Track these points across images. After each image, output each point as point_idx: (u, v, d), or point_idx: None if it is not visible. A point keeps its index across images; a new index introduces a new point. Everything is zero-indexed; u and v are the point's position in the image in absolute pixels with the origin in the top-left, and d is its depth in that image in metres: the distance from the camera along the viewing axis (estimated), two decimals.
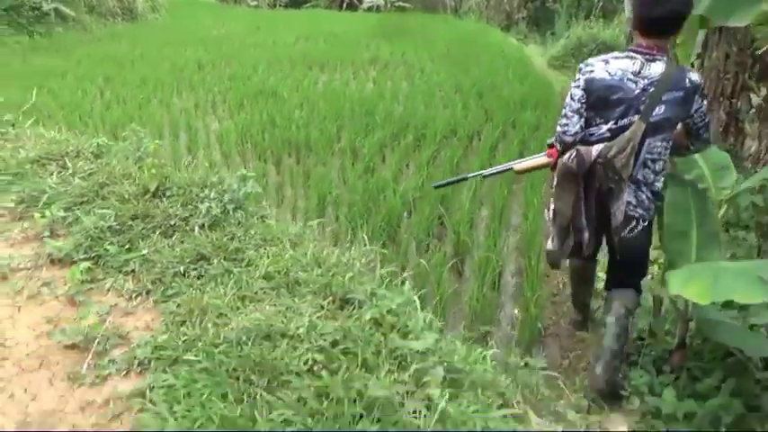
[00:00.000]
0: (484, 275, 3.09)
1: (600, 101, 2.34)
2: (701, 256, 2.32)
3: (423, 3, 18.47)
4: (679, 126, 2.39)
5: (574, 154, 2.35)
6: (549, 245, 2.57)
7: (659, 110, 2.27)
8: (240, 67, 9.12)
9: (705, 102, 2.38)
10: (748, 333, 2.36)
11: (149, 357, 1.55)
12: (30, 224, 2.32)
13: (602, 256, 2.79)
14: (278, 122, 5.96)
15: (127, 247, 2.10)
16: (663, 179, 2.39)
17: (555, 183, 2.48)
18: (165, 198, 2.37)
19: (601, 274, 2.99)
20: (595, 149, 2.33)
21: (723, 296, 1.83)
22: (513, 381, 1.77)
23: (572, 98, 2.40)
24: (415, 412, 1.35)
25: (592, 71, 2.36)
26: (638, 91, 2.29)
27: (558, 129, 2.44)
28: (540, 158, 2.64)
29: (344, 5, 18.57)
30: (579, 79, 2.39)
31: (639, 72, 2.30)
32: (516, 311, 3.10)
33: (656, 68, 2.28)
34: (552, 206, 2.53)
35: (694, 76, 2.31)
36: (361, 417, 1.31)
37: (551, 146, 2.53)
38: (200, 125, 6.24)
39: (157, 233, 2.17)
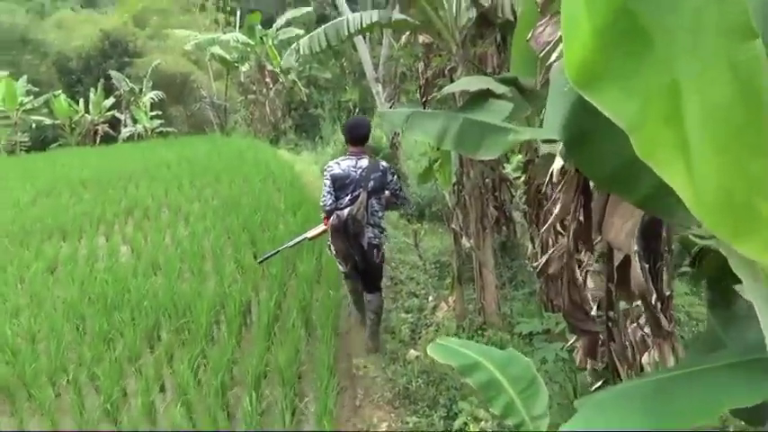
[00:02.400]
0: None
1: (341, 185, 4.02)
2: None
3: (188, 123, 17.63)
4: (387, 192, 4.18)
5: (335, 217, 3.96)
6: (341, 268, 4.21)
7: (371, 184, 4.02)
8: None
9: (395, 176, 4.25)
10: None
11: None
12: None
13: None
14: None
15: None
16: (383, 219, 4.20)
17: (330, 234, 4.05)
18: None
19: None
20: (346, 212, 3.95)
21: None
22: None
23: (325, 185, 4.06)
24: None
25: (332, 170, 4.06)
26: (357, 176, 4.01)
27: (321, 204, 4.10)
28: (320, 227, 4.19)
29: (98, 139, 16.88)
30: (327, 176, 4.08)
31: (356, 165, 4.05)
32: None
33: (364, 162, 4.07)
34: (333, 247, 4.09)
35: (384, 164, 4.19)
36: None
37: (324, 217, 4.11)
38: None
39: None
